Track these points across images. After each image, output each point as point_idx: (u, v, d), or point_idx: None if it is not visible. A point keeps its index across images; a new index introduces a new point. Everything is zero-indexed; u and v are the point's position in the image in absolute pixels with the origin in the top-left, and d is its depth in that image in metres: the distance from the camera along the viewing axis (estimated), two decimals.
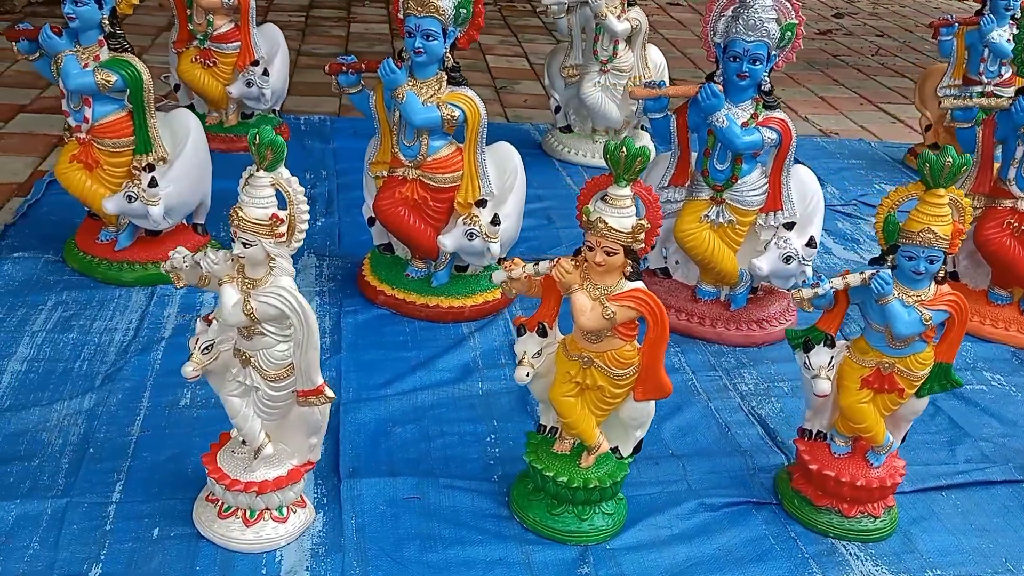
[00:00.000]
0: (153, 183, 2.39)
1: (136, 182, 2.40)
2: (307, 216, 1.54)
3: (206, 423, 1.98)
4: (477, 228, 2.32)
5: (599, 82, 3.59)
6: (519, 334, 1.73)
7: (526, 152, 4.03)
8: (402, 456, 1.93)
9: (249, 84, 3.33)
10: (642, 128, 3.81)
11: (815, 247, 2.36)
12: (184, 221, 2.59)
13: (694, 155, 2.42)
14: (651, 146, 3.81)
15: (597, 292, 1.60)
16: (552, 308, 1.72)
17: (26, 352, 2.17)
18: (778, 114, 2.32)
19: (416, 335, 2.39)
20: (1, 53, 4.41)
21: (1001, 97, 2.74)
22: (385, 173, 2.45)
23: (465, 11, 2.27)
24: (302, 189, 1.54)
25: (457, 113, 2.29)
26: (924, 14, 7.60)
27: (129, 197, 2.39)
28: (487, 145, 2.41)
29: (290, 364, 1.58)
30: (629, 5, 3.53)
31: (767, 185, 2.37)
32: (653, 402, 1.71)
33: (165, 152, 2.44)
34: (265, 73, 3.38)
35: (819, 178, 3.59)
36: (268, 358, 1.58)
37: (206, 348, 1.63)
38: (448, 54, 2.30)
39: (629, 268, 1.59)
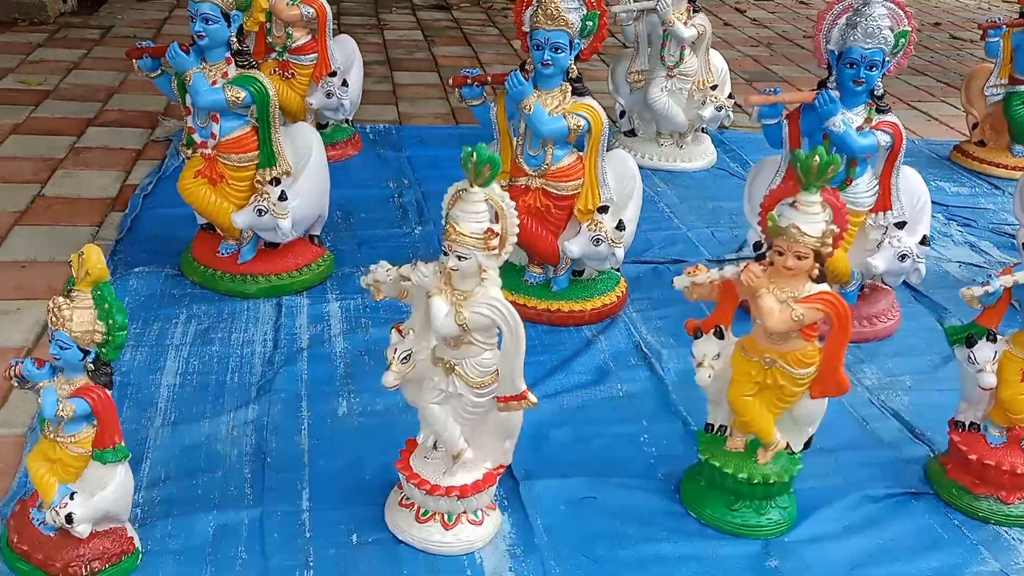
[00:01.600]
0: (283, 197, 2.43)
1: (264, 196, 2.44)
2: (518, 229, 1.60)
3: (368, 431, 2.04)
4: (603, 234, 2.38)
5: (665, 87, 3.67)
6: (696, 337, 1.79)
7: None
8: (565, 458, 1.99)
9: (329, 95, 3.37)
10: (703, 131, 3.90)
11: (927, 245, 2.44)
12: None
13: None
14: (713, 150, 3.91)
15: (784, 295, 1.67)
16: (729, 311, 1.78)
17: (175, 366, 2.21)
18: (890, 117, 2.40)
19: (542, 339, 2.45)
20: (55, 65, 4.45)
21: None
22: (505, 183, 2.51)
23: (592, 23, 2.33)
24: (513, 203, 1.59)
25: (583, 123, 2.35)
26: (926, 12, 7.75)
27: (259, 211, 2.43)
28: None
29: (495, 371, 1.64)
30: (694, 11, 3.61)
31: (877, 186, 2.45)
32: (826, 399, 1.79)
33: (289, 166, 2.48)
34: (344, 84, 3.43)
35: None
36: (475, 366, 1.63)
37: (405, 358, 1.68)
38: (572, 65, 2.36)
39: (816, 271, 1.66)
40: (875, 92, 2.38)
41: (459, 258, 1.56)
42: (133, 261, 2.67)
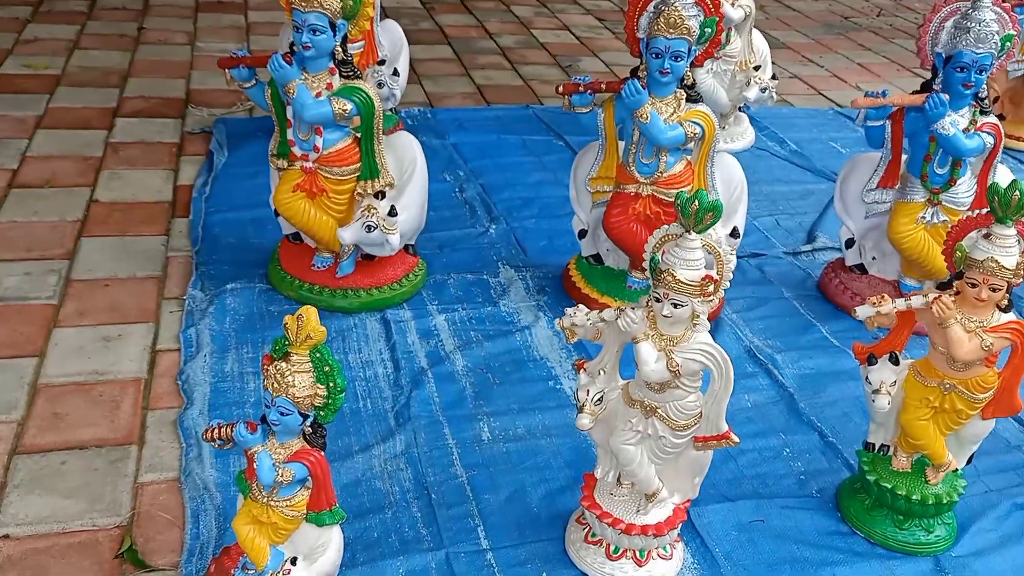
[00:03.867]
0: (393, 212, 2.36)
1: (373, 211, 2.36)
2: (733, 275, 1.58)
3: (519, 457, 2.02)
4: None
5: (711, 69, 3.64)
6: (870, 363, 1.81)
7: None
8: (720, 478, 2.00)
9: (380, 85, 3.27)
10: (741, 110, 3.90)
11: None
12: None
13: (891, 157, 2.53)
14: (752, 130, 3.91)
15: (973, 324, 1.69)
16: (905, 337, 1.81)
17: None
18: (991, 119, 2.43)
19: None
20: (53, 45, 4.21)
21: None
22: (607, 188, 2.48)
23: (710, 29, 2.29)
24: (730, 248, 1.57)
25: (698, 130, 2.33)
26: None
27: (368, 227, 2.36)
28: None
29: (699, 412, 1.64)
30: None
31: (976, 185, 2.49)
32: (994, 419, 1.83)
33: (392, 178, 2.41)
34: (395, 73, 3.33)
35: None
36: (679, 409, 1.62)
37: (598, 400, 1.67)
38: (687, 71, 2.33)
39: (1006, 300, 1.69)
40: (979, 94, 2.40)
41: (675, 305, 1.54)
42: (219, 275, 2.57)
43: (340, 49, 2.29)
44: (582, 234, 2.60)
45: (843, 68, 5.10)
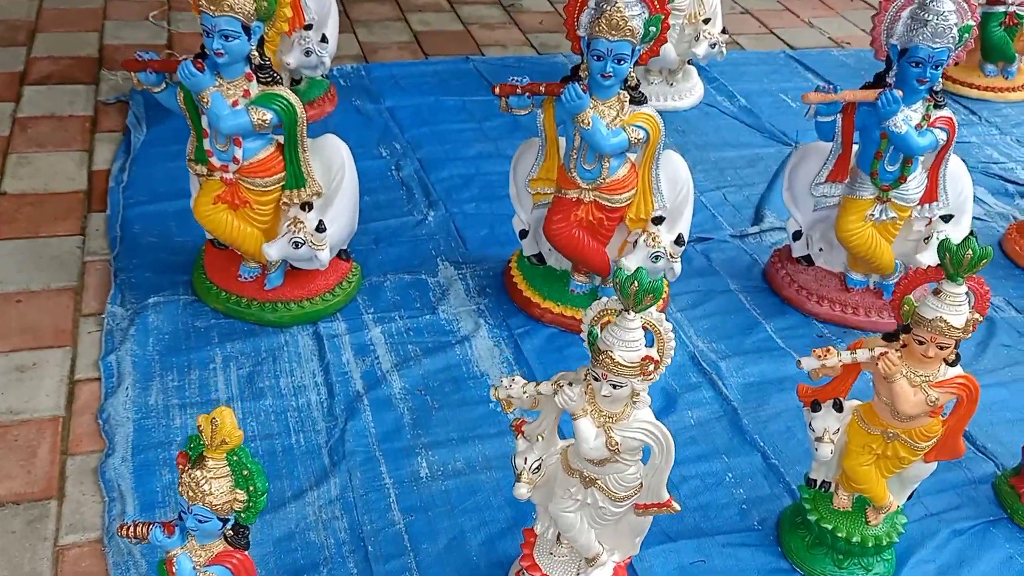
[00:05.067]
0: (322, 228, 2.23)
1: (299, 226, 2.23)
2: (673, 351, 1.50)
3: (458, 497, 1.97)
4: (662, 250, 2.29)
5: None
6: (814, 410, 1.77)
7: None
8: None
9: (308, 53, 3.05)
10: (690, 63, 3.74)
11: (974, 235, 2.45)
12: None
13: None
14: (700, 83, 3.77)
15: (918, 379, 1.64)
16: (849, 384, 1.76)
17: None
18: (946, 112, 2.34)
19: None
20: None
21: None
22: (548, 190, 2.36)
23: (655, 28, 2.15)
24: (670, 325, 1.49)
25: (642, 135, 2.21)
26: None
27: (296, 243, 2.22)
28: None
29: (639, 484, 1.58)
30: None
31: (926, 179, 2.42)
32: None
33: (319, 186, 2.26)
34: (324, 40, 3.11)
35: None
36: (619, 481, 1.57)
37: (536, 468, 1.60)
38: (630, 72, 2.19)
39: (953, 355, 1.64)
40: (934, 88, 2.30)
41: (614, 386, 1.47)
42: (140, 284, 2.43)
43: (256, 53, 2.11)
44: (523, 234, 2.49)
45: (798, 1, 4.93)
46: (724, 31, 3.62)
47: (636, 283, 1.41)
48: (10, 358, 2.20)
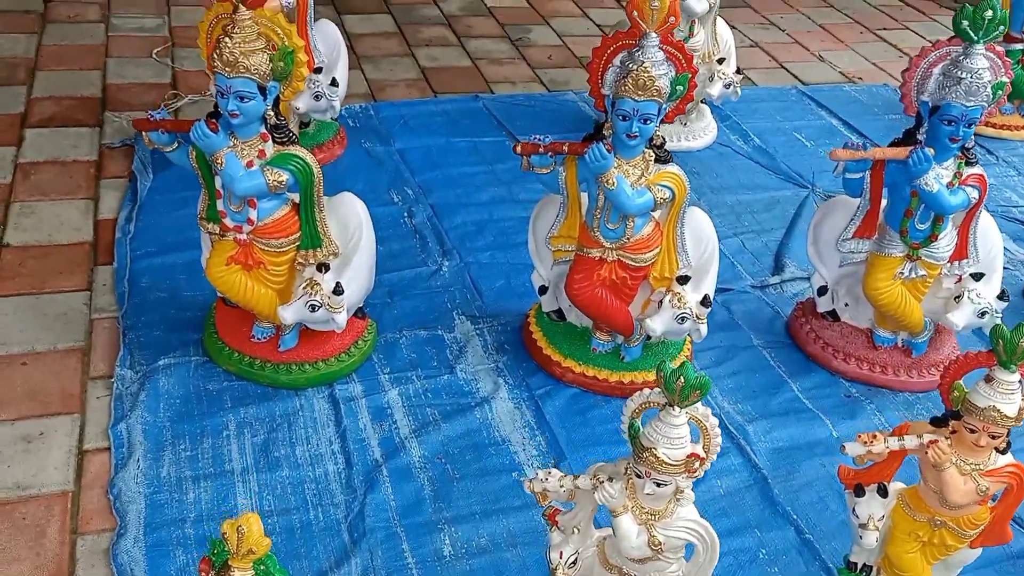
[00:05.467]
0: (339, 290, 2.16)
1: (315, 288, 2.16)
2: (719, 447, 1.43)
3: (482, 574, 1.90)
4: (688, 311, 2.23)
5: None
6: (858, 495, 1.70)
7: (583, 130, 3.77)
8: None
9: (317, 97, 3.00)
10: (703, 102, 3.69)
11: (1007, 300, 2.39)
12: None
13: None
14: (714, 123, 3.72)
15: (968, 467, 1.58)
16: (894, 468, 1.69)
17: (247, 502, 1.99)
18: (977, 170, 2.28)
19: (620, 418, 2.30)
20: None
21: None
22: (569, 247, 2.30)
23: (682, 87, 2.09)
24: (716, 420, 1.42)
25: (668, 195, 2.15)
26: None
27: (312, 306, 2.15)
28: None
29: None
30: None
31: (957, 237, 2.36)
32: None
33: (336, 247, 2.20)
34: (334, 83, 3.05)
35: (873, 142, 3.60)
36: None
37: (572, 563, 1.54)
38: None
39: (1005, 443, 1.58)
40: (966, 145, 2.25)
41: (657, 484, 1.40)
42: (149, 344, 2.36)
43: (272, 113, 2.05)
44: (542, 290, 2.42)
45: (805, 32, 4.89)
46: (739, 71, 3.57)
47: (682, 378, 1.35)
48: (16, 427, 2.12)
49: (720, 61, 3.50)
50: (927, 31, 5.03)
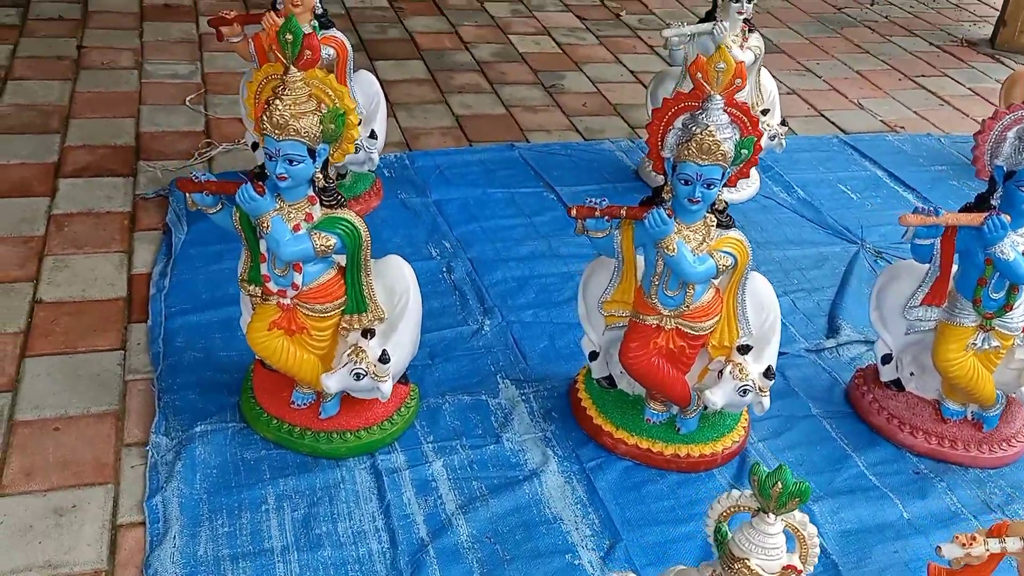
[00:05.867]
0: (385, 357, 2.07)
1: (360, 355, 2.07)
2: (817, 558, 1.32)
3: None
4: (751, 383, 2.12)
5: None
6: None
7: (622, 182, 3.75)
8: None
9: (356, 149, 2.92)
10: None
11: None
12: None
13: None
14: (757, 175, 3.62)
15: None
16: (990, 570, 1.57)
17: None
18: None
19: (677, 495, 2.19)
20: None
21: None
22: (623, 313, 2.20)
23: (747, 151, 2.01)
24: (815, 529, 1.32)
25: (731, 261, 2.06)
26: None
27: (357, 375, 2.06)
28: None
29: None
30: (749, 31, 3.28)
31: None
32: None
33: (382, 312, 2.11)
34: (372, 136, 2.99)
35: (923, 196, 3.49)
36: None
37: None
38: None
39: None
40: None
41: None
42: (185, 408, 2.27)
43: (321, 176, 1.97)
44: (593, 356, 2.32)
45: (842, 79, 4.81)
46: (783, 122, 3.50)
47: (779, 483, 1.25)
48: (48, 499, 2.03)
49: (764, 112, 3.42)
50: (967, 78, 4.95)
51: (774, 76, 3.62)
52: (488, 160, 3.64)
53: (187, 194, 2.02)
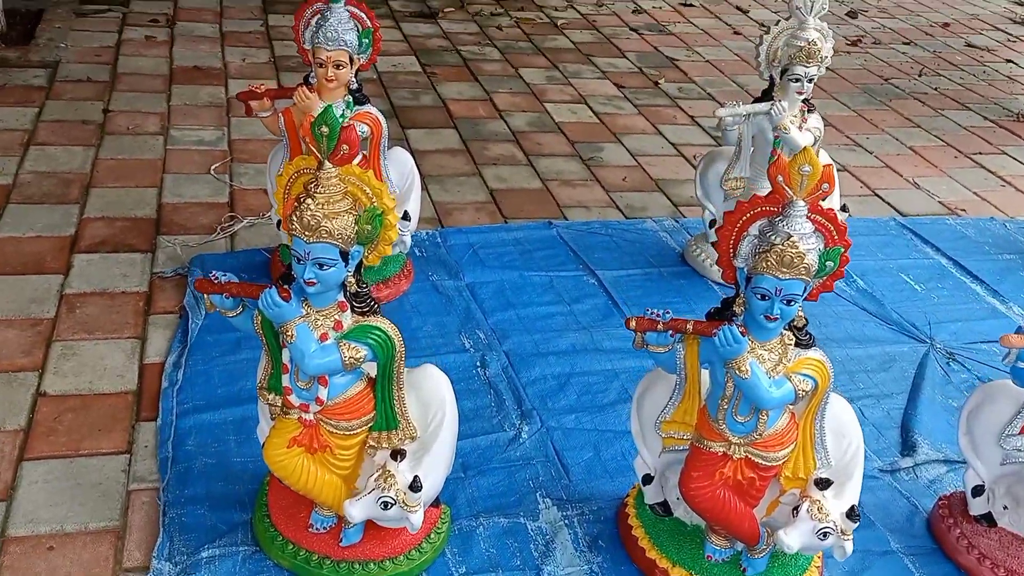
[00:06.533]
0: (417, 485, 1.84)
1: (388, 480, 1.84)
2: None
3: None
4: (831, 525, 1.87)
5: None
6: None
7: (667, 266, 3.42)
8: None
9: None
10: None
11: None
12: None
13: None
14: None
15: None
16: None
17: None
18: None
19: None
20: (4, 137, 3.61)
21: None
22: (684, 435, 1.97)
23: (832, 263, 1.79)
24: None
25: (810, 386, 1.82)
26: (929, 10, 7.33)
27: (385, 503, 1.83)
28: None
29: None
30: (808, 111, 3.08)
31: None
32: None
33: (414, 430, 1.89)
34: (405, 217, 2.80)
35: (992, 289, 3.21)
36: None
37: None
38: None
39: None
40: None
41: None
42: (192, 526, 2.04)
43: (353, 280, 1.77)
44: (647, 479, 2.08)
45: (895, 155, 4.60)
46: (844, 208, 3.27)
47: None
48: None
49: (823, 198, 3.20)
50: None
51: (829, 156, 3.41)
52: (524, 239, 3.43)
53: (206, 296, 1.82)
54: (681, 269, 3.34)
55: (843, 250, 1.79)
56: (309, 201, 1.65)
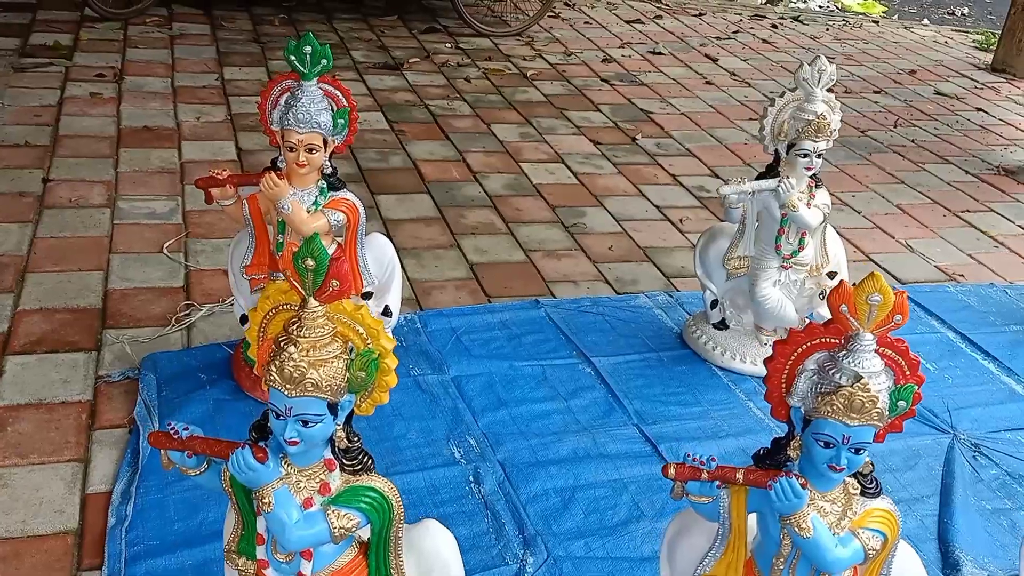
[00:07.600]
0: None
1: None
2: None
3: None
4: None
5: (778, 280, 2.93)
6: None
7: (667, 349, 3.14)
8: None
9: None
10: (808, 318, 3.16)
11: None
12: None
13: None
14: None
15: None
16: None
17: None
18: None
19: None
20: None
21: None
22: None
23: (904, 403, 1.54)
24: None
25: (880, 543, 1.57)
26: (895, 56, 7.26)
27: None
28: None
29: None
30: (816, 187, 2.87)
31: None
32: None
33: None
34: (386, 312, 2.52)
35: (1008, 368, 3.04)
36: None
37: None
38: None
39: None
40: None
41: None
42: None
43: (343, 434, 1.47)
44: None
45: (883, 214, 4.43)
46: (832, 275, 3.05)
47: None
48: None
49: (831, 276, 2.99)
50: (1014, 214, 4.59)
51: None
52: (511, 321, 3.16)
53: (164, 452, 1.51)
54: (681, 352, 3.09)
55: (916, 388, 1.54)
56: (291, 349, 1.36)
